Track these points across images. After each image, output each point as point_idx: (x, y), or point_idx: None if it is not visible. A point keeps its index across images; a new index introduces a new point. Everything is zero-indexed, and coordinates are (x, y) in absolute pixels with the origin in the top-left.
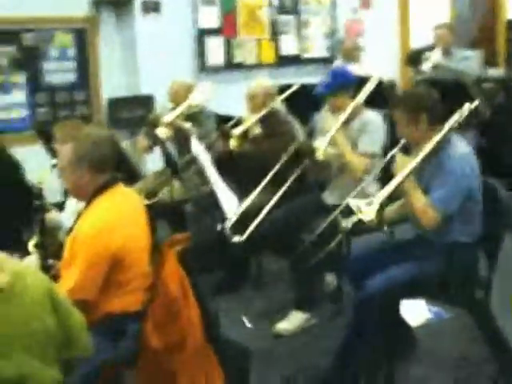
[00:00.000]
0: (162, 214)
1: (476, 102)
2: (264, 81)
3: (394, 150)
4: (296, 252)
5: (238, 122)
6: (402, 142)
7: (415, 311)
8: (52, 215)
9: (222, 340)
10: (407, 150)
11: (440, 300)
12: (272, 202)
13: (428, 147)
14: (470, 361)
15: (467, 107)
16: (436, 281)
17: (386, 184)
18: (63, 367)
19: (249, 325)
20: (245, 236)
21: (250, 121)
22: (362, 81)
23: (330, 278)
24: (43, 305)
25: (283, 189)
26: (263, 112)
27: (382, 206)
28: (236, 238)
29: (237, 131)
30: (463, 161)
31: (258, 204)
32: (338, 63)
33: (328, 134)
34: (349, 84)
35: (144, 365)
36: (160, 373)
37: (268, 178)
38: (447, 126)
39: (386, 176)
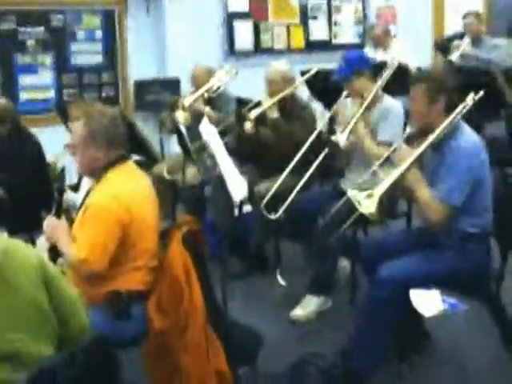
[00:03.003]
0: (181, 197)
1: (481, 93)
2: (281, 65)
3: (398, 142)
4: (311, 235)
5: (256, 106)
6: (407, 132)
7: (429, 302)
8: (67, 196)
9: (229, 323)
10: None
11: (453, 290)
12: (300, 184)
13: (431, 138)
14: (484, 353)
15: (471, 98)
16: (449, 271)
17: None
18: (61, 344)
19: (283, 282)
20: (279, 213)
21: (268, 103)
22: (382, 66)
23: (345, 264)
24: (34, 281)
25: (308, 174)
26: (280, 96)
27: (383, 199)
28: (271, 216)
29: (253, 114)
30: (470, 152)
31: (280, 187)
32: (368, 50)
33: (348, 127)
34: (363, 67)
35: (147, 344)
36: (163, 353)
37: (294, 162)
38: (451, 116)
39: None
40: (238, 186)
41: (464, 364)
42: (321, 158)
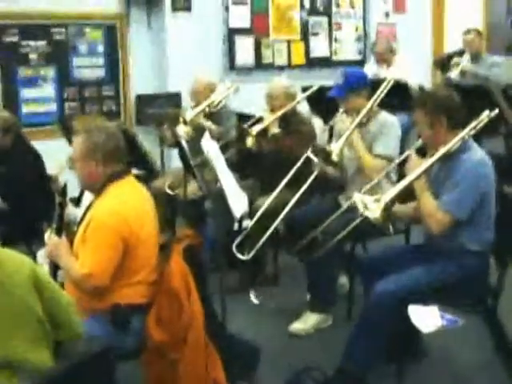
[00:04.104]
0: (180, 211)
1: (496, 111)
2: (283, 80)
3: (409, 151)
4: (304, 247)
5: (258, 121)
6: (419, 143)
7: (428, 318)
8: (68, 210)
9: (228, 336)
10: (423, 152)
11: (450, 306)
12: (285, 211)
13: (442, 151)
14: (482, 369)
15: (486, 115)
16: (446, 287)
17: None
18: (56, 351)
19: (255, 300)
20: (251, 255)
21: (269, 119)
22: (380, 83)
23: (344, 280)
24: (27, 288)
25: (300, 192)
26: (282, 112)
27: (389, 205)
28: (242, 256)
29: (255, 130)
30: (478, 167)
31: (274, 204)
32: (370, 66)
33: (342, 138)
34: (361, 86)
35: (146, 357)
36: (162, 365)
37: (285, 181)
38: (464, 132)
39: (401, 178)
40: (238, 200)
41: (456, 364)
42: (316, 173)
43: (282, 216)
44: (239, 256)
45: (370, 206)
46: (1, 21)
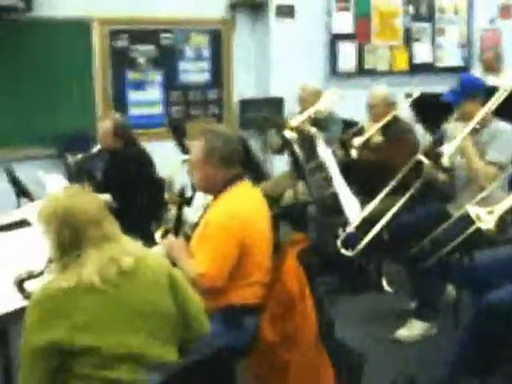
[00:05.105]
0: (284, 215)
1: None
2: (383, 89)
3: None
4: (413, 255)
5: (360, 130)
6: None
7: None
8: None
9: (337, 341)
10: None
11: None
12: (393, 210)
13: None
14: None
15: None
16: None
17: None
18: (180, 348)
19: (388, 288)
20: (355, 251)
21: (371, 130)
22: (494, 91)
23: (450, 289)
24: (163, 287)
25: (407, 196)
26: (384, 121)
27: (503, 217)
28: (346, 252)
29: (358, 141)
30: None
31: (379, 211)
32: (476, 73)
33: (455, 141)
34: (477, 92)
35: (257, 357)
36: (272, 366)
37: (391, 185)
38: None
39: None
40: (352, 205)
41: None
42: (424, 176)
43: (387, 218)
44: (344, 252)
45: (483, 217)
46: (112, 26)
